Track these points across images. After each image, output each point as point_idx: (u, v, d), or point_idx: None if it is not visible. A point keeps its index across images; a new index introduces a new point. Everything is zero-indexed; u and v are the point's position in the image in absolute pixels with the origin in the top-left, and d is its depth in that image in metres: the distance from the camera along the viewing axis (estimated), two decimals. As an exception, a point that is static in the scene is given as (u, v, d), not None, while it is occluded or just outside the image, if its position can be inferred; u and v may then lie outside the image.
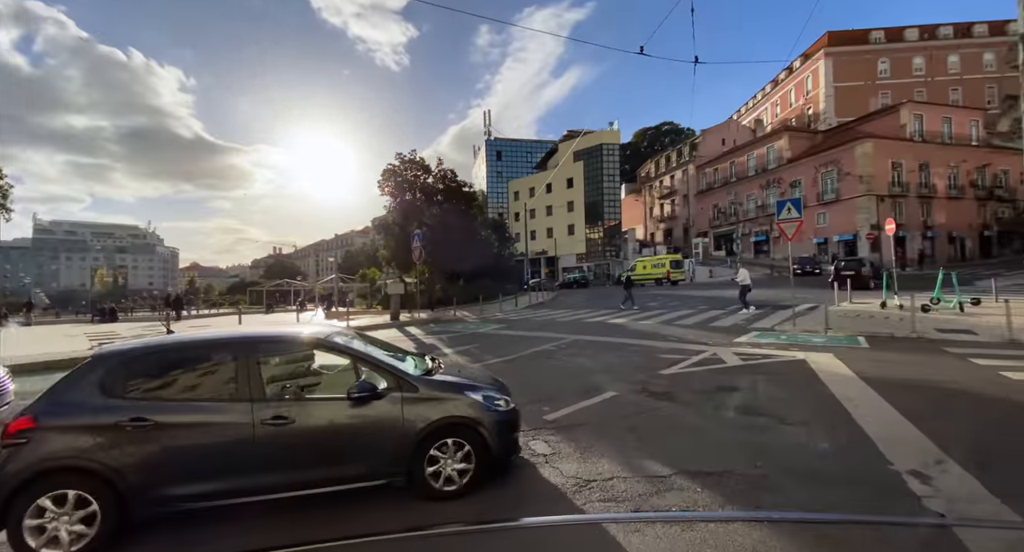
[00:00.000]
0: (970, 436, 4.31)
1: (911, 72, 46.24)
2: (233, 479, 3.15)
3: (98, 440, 2.93)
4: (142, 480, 2.96)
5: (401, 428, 3.45)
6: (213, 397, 3.30)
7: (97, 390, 3.08)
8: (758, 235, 42.35)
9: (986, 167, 35.19)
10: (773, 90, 58.09)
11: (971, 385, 5.86)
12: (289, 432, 3.20)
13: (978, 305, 12.34)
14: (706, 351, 8.86)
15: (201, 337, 3.80)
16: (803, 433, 4.55)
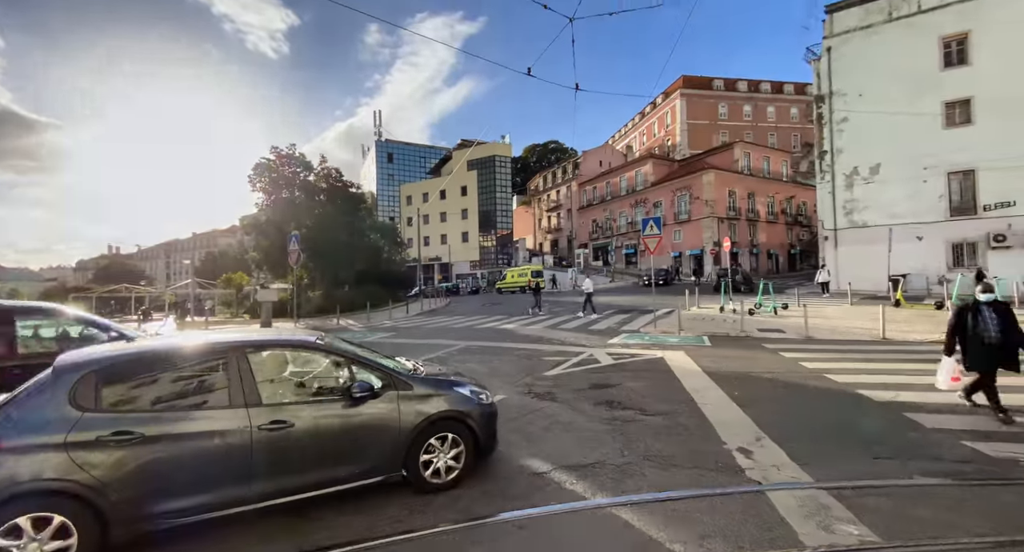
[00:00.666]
0: (779, 415, 5.35)
1: (742, 117, 56.60)
2: (229, 488, 2.99)
3: (74, 458, 2.66)
4: (128, 498, 2.75)
5: (398, 425, 3.52)
6: (205, 404, 3.14)
7: (67, 403, 2.79)
8: (628, 248, 47.45)
9: (792, 198, 44.53)
10: (641, 121, 66.02)
11: (781, 374, 7.29)
12: (288, 436, 3.14)
13: (786, 309, 15.45)
14: (584, 352, 9.60)
15: (187, 343, 3.41)
16: (660, 422, 5.19)
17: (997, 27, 20.26)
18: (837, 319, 13.23)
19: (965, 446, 4.22)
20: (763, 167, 43.67)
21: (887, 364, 7.66)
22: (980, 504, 3.21)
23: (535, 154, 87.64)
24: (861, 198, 23.10)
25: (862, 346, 9.44)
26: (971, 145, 20.45)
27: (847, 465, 3.94)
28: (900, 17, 22.52)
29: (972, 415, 5.05)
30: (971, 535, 2.83)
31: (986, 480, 3.53)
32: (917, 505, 3.22)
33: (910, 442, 4.39)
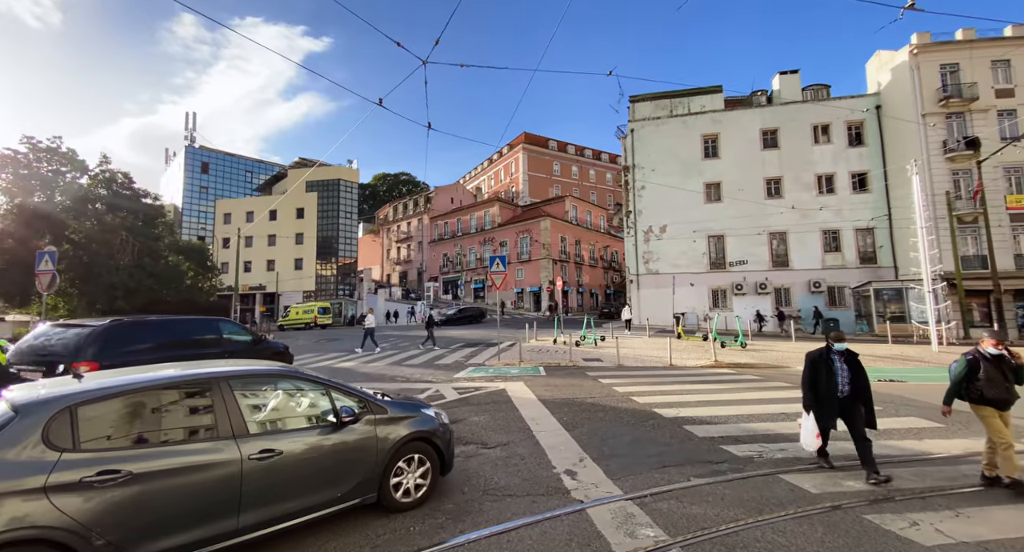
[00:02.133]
0: (598, 436, 6.06)
1: (571, 175, 65.95)
2: (220, 521, 2.90)
3: (56, 503, 2.42)
4: (115, 541, 2.55)
5: (375, 448, 3.71)
6: (193, 437, 3.03)
7: (42, 444, 2.51)
8: (477, 283, 49.34)
9: (608, 247, 53.03)
10: (490, 166, 71.16)
11: (600, 399, 8.33)
12: (275, 464, 3.15)
13: (604, 341, 17.93)
14: (431, 388, 9.40)
15: (166, 375, 3.23)
16: (499, 454, 5.35)
17: (734, 133, 28.42)
18: (640, 349, 15.89)
19: (723, 450, 5.43)
20: (587, 219, 51.12)
21: (673, 386, 9.46)
22: (732, 496, 4.13)
23: (386, 183, 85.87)
24: (655, 251, 28.82)
25: (657, 371, 11.48)
26: (721, 217, 27.68)
27: (647, 474, 4.66)
28: (677, 115, 29.74)
29: (725, 424, 6.54)
30: (727, 522, 3.61)
31: (734, 477, 4.59)
32: (694, 503, 3.97)
33: (688, 450, 5.44)
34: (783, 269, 26.79)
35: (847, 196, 26.34)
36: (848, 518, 3.64)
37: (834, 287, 25.91)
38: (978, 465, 4.89)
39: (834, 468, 4.70)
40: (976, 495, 4.09)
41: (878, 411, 7.11)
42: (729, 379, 10.33)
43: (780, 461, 5.02)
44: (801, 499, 4.01)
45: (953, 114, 24.27)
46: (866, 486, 4.27)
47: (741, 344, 16.66)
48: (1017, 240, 23.18)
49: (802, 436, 4.76)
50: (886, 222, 25.48)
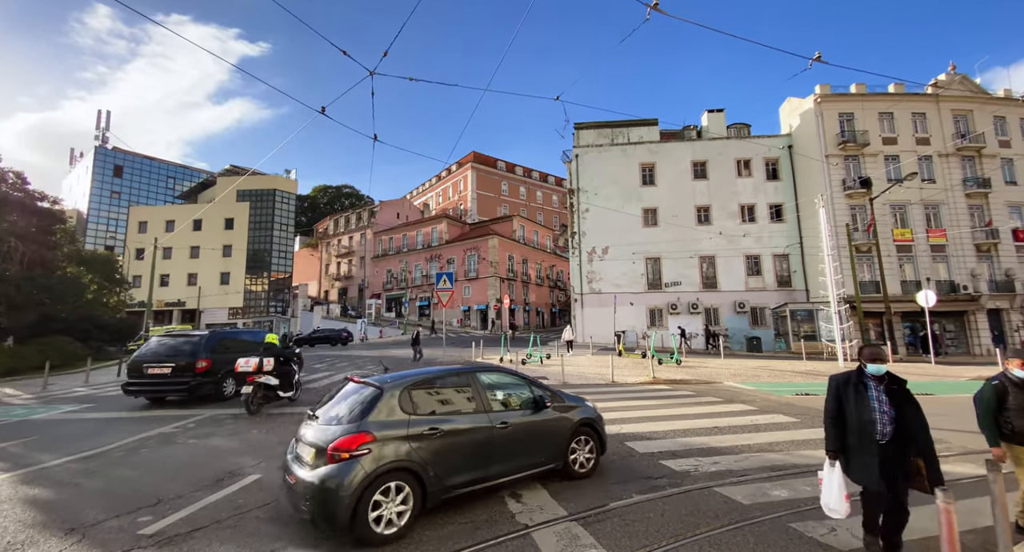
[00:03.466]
0: (543, 455, 5.99)
1: (519, 196, 67.32)
2: (484, 469, 4.33)
3: (414, 446, 3.94)
4: (437, 474, 3.99)
5: (561, 427, 5.02)
6: (466, 410, 4.49)
7: (399, 410, 4.08)
8: (422, 300, 48.26)
9: (554, 267, 54.25)
10: (438, 182, 70.88)
11: (545, 417, 8.31)
12: (507, 433, 4.54)
13: (550, 358, 18.10)
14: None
15: (447, 368, 5.01)
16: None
17: (669, 164, 30.52)
18: (584, 367, 16.20)
19: (663, 465, 5.58)
20: (534, 239, 52.14)
21: (615, 402, 9.68)
22: (672, 512, 4.23)
23: (327, 196, 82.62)
24: (598, 271, 29.87)
25: (600, 388, 11.72)
26: (657, 241, 29.36)
27: (591, 494, 4.66)
28: (618, 144, 31.50)
29: (664, 439, 6.76)
30: (668, 538, 3.67)
31: (673, 492, 4.71)
32: (636, 520, 4.01)
33: (629, 466, 5.54)
34: (712, 290, 28.76)
35: (766, 225, 29.03)
36: (776, 528, 3.84)
37: (756, 308, 28.17)
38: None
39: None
40: (881, 498, 4.48)
41: (795, 423, 7.78)
42: (666, 395, 10.75)
43: (715, 474, 5.24)
44: (734, 511, 4.18)
45: (850, 156, 27.79)
46: (791, 494, 4.55)
47: (676, 361, 17.51)
48: (903, 268, 26.65)
49: (824, 495, 3.27)
50: (799, 249, 28.31)
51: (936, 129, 27.99)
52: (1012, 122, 28.44)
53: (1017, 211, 27.58)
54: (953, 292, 25.61)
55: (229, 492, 4.81)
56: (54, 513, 4.35)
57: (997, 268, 26.65)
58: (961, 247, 26.66)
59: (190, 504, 4.49)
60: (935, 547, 3.53)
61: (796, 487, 4.80)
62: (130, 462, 6.00)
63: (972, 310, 25.87)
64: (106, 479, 5.34)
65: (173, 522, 4.09)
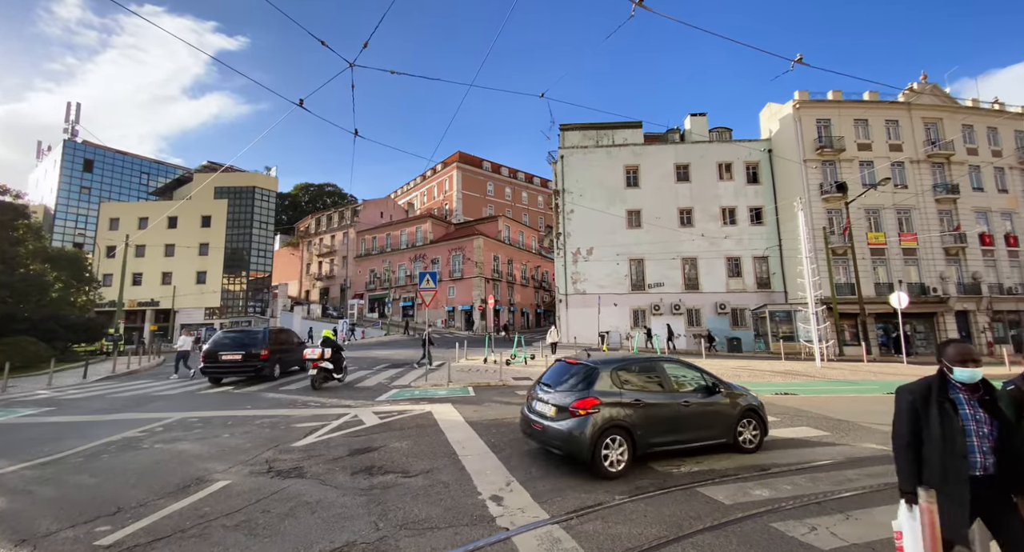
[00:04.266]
0: (526, 458, 5.91)
1: (504, 196, 67.27)
2: (674, 435, 5.72)
3: (624, 410, 5.40)
4: (641, 433, 5.42)
5: (730, 411, 6.12)
6: (658, 389, 5.86)
7: (612, 383, 5.57)
8: (406, 301, 47.74)
9: (539, 267, 54.31)
10: (423, 182, 70.34)
11: (528, 418, 8.22)
12: (688, 409, 5.82)
13: (534, 359, 18.03)
14: (348, 414, 8.69)
15: (640, 357, 6.68)
16: (421, 483, 4.98)
17: (653, 166, 30.81)
18: (568, 367, 16.17)
19: (646, 466, 5.53)
20: (519, 239, 52.10)
21: (599, 403, 9.64)
22: (654, 513, 4.18)
23: (308, 194, 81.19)
24: (583, 272, 29.96)
25: (584, 389, 11.68)
26: (641, 242, 29.60)
27: (574, 495, 4.58)
28: (603, 146, 31.67)
29: (648, 438, 6.72)
30: (651, 540, 3.61)
31: (655, 493, 4.67)
32: (618, 522, 3.94)
33: (614, 467, 5.47)
34: (695, 292, 29.13)
35: (746, 227, 29.55)
36: (758, 527, 3.81)
37: (737, 309, 28.63)
38: (861, 469, 5.47)
39: None
40: (860, 498, 4.52)
41: (774, 423, 7.85)
42: (649, 395, 10.78)
43: (696, 474, 5.22)
44: (716, 511, 4.15)
45: (827, 161, 28.49)
46: (771, 494, 4.55)
47: (659, 361, 17.64)
48: (876, 271, 27.42)
49: (905, 543, 2.34)
50: (778, 252, 28.89)
51: (908, 136, 28.91)
52: (979, 131, 29.57)
53: (983, 216, 28.68)
54: (923, 294, 26.46)
55: (195, 499, 4.58)
56: (4, 524, 4.07)
57: (964, 271, 27.64)
58: (931, 251, 27.57)
59: (152, 513, 4.26)
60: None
61: (777, 486, 4.80)
62: (89, 468, 5.69)
63: (941, 312, 26.77)
64: (63, 487, 5.04)
65: (133, 532, 3.86)
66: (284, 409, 9.36)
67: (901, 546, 2.35)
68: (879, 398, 10.87)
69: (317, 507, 4.38)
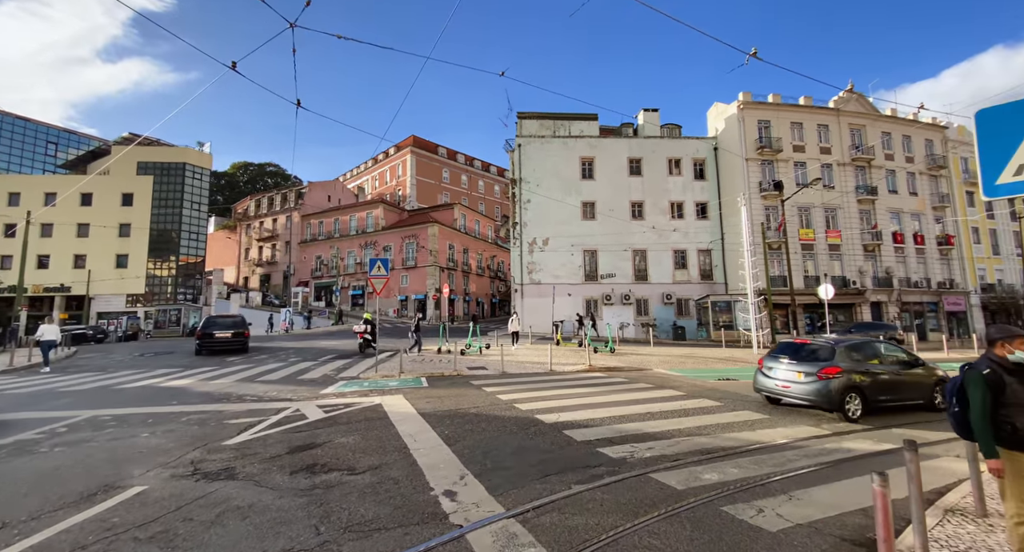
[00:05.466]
0: (481, 449, 5.74)
1: (460, 184, 66.15)
2: (891, 394, 7.94)
3: (858, 376, 7.57)
4: (870, 392, 7.60)
5: (927, 380, 8.33)
6: (877, 362, 8.08)
7: (846, 358, 7.72)
8: (355, 289, 45.95)
9: (495, 257, 54.12)
10: (374, 165, 67.58)
11: (484, 408, 8.06)
12: (901, 378, 8.11)
13: (489, 348, 17.88)
14: (288, 408, 8.12)
15: (862, 339, 8.96)
16: (369, 480, 4.68)
17: (607, 158, 31.31)
18: (522, 356, 16.19)
19: (600, 453, 5.54)
20: (475, 228, 51.52)
21: (553, 391, 9.67)
22: (610, 501, 4.15)
23: (247, 173, 75.79)
24: (539, 262, 30.10)
25: (539, 378, 11.70)
26: (595, 234, 30.14)
27: (530, 486, 4.47)
28: (560, 136, 31.75)
29: (600, 426, 6.78)
30: (608, 530, 3.56)
31: (610, 480, 4.66)
32: (575, 513, 3.87)
33: (568, 456, 5.43)
34: (644, 283, 30.16)
35: (693, 221, 30.87)
36: (709, 512, 3.88)
37: (682, 299, 29.99)
38: (798, 450, 5.78)
39: None
40: (799, 478, 4.75)
41: (720, 407, 8.22)
42: (601, 382, 10.96)
43: (649, 460, 5.28)
44: (670, 497, 4.19)
45: (766, 161, 30.23)
46: (720, 477, 4.67)
47: (611, 349, 18.07)
48: (806, 265, 29.62)
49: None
50: (720, 245, 30.45)
51: (836, 140, 31.28)
52: (896, 138, 32.54)
53: (896, 217, 31.72)
54: (845, 287, 28.96)
55: (102, 509, 4.01)
56: None
57: (879, 266, 30.54)
58: (852, 247, 30.18)
59: (47, 527, 3.67)
60: (851, 522, 3.75)
61: (724, 470, 4.95)
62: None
63: (859, 302, 29.47)
64: (-69, 502, 4.26)
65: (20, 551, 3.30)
66: (215, 404, 8.60)
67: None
68: (808, 382, 11.74)
69: (249, 512, 3.97)
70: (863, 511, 3.86)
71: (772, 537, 3.46)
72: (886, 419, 7.62)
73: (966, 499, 3.86)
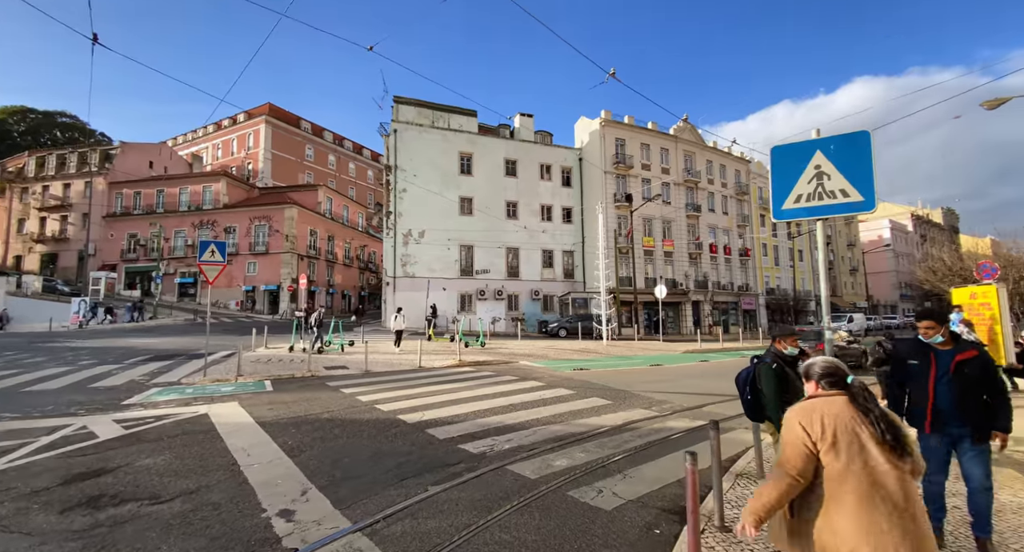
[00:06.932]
0: (330, 458, 5.22)
1: (327, 165, 60.37)
2: None
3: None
4: None
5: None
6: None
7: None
8: (185, 276, 38.62)
9: (365, 247, 50.74)
10: (217, 132, 57.48)
11: (339, 412, 7.40)
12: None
13: (352, 345, 16.63)
14: (71, 425, 6.35)
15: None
16: (178, 509, 3.86)
17: (486, 156, 31.79)
18: (390, 353, 15.47)
19: (461, 449, 5.50)
20: (344, 214, 47.63)
21: (420, 389, 9.39)
22: (466, 499, 4.12)
23: (26, 122, 58.06)
24: (413, 254, 29.16)
25: (406, 375, 11.27)
26: (472, 229, 30.41)
27: (384, 493, 4.19)
28: (439, 127, 31.19)
29: (464, 422, 6.78)
30: (460, 530, 3.51)
31: (468, 477, 4.64)
32: (429, 517, 3.74)
33: (428, 456, 5.28)
34: (515, 279, 31.52)
35: (559, 225, 33.30)
36: (557, 498, 4.12)
37: (548, 295, 32.17)
38: (633, 431, 6.55)
39: None
40: (631, 458, 5.36)
41: (573, 395, 8.95)
42: (470, 377, 11.05)
43: (507, 452, 5.43)
44: (523, 488, 4.34)
45: (620, 175, 34.13)
46: (568, 462, 5.02)
47: (481, 344, 18.42)
48: (647, 268, 34.32)
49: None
50: (581, 247, 33.46)
51: (674, 163, 36.89)
52: (715, 166, 39.76)
53: (713, 231, 38.78)
54: (675, 288, 34.39)
55: None
56: None
57: (699, 272, 36.99)
58: (681, 254, 35.98)
59: None
60: (670, 493, 4.35)
61: (573, 455, 5.34)
62: None
63: (683, 302, 35.28)
64: None
65: None
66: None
67: None
68: (645, 370, 13.58)
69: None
70: (679, 482, 4.52)
71: (608, 515, 3.82)
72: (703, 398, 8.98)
73: (750, 464, 4.80)
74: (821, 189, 3.42)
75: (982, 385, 2.99)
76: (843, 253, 55.26)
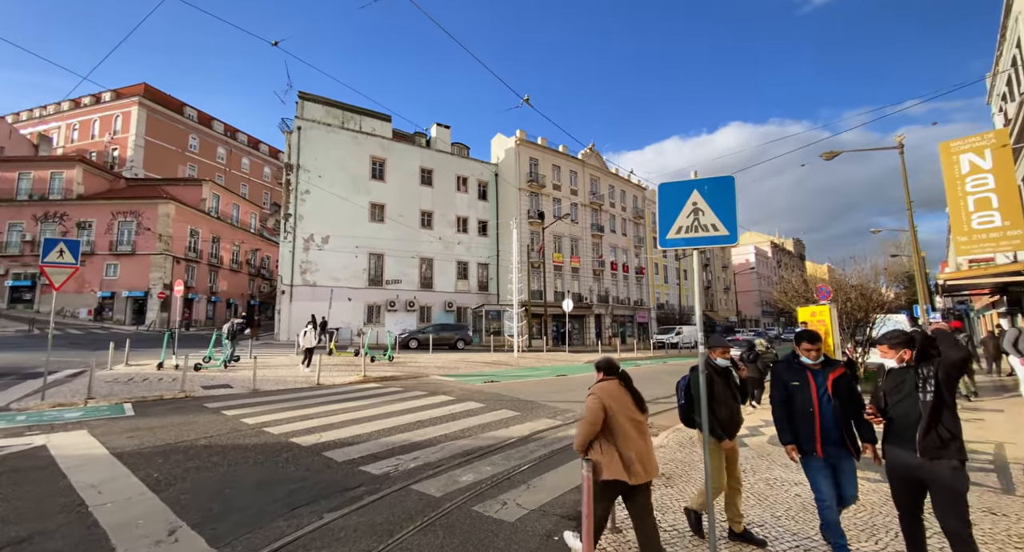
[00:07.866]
0: (208, 491, 4.63)
1: (215, 158, 53.98)
2: None
3: None
4: None
5: None
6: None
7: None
8: (20, 279, 31.59)
9: (258, 251, 46.02)
10: (75, 110, 48.46)
11: (220, 437, 6.60)
12: None
13: (239, 361, 14.92)
14: None
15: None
16: (-2, 570, 3.15)
17: (400, 163, 31.03)
18: (283, 369, 14.17)
19: (362, 471, 5.24)
20: (233, 214, 42.86)
21: (318, 408, 8.75)
22: (366, 524, 3.94)
23: None
24: (315, 261, 27.21)
25: (302, 393, 10.41)
26: (383, 237, 29.32)
27: (270, 526, 3.84)
28: (349, 129, 29.83)
29: (367, 442, 6.47)
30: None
31: (369, 500, 4.44)
32: (324, 547, 3.50)
33: (325, 481, 4.94)
34: (428, 290, 30.96)
35: (475, 237, 33.59)
36: (461, 514, 4.12)
37: (461, 307, 32.07)
38: (539, 441, 6.80)
39: None
40: (534, 468, 5.57)
41: (483, 408, 9.02)
42: (375, 393, 10.56)
43: (413, 471, 5.30)
44: (428, 507, 4.27)
45: (534, 193, 35.59)
46: (475, 477, 5.05)
47: (389, 358, 17.70)
48: (556, 282, 35.98)
49: None
50: (495, 260, 34.05)
51: (582, 185, 39.47)
52: (617, 191, 43.34)
53: (614, 250, 42.01)
54: (580, 302, 36.48)
55: None
56: None
57: (601, 287, 39.71)
58: (586, 271, 38.36)
59: None
60: (570, 499, 4.59)
61: (480, 469, 5.39)
62: None
63: (587, 315, 37.54)
64: None
65: None
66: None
67: None
68: (552, 380, 14.15)
69: None
70: (577, 488, 4.80)
71: (511, 527, 3.93)
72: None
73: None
74: (697, 223, 3.94)
75: (853, 399, 3.10)
76: (719, 274, 63.33)
